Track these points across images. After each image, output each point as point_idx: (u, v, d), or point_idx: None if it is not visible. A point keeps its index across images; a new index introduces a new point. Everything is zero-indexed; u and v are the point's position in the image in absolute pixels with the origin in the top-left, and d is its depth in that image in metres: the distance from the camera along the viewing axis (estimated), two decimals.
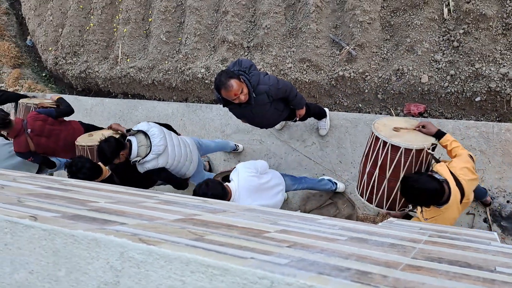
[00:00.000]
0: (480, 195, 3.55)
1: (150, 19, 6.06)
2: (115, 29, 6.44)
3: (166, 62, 5.72)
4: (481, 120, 4.14)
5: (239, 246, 0.78)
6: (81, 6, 6.73)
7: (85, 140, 4.07)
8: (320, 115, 4.29)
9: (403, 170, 2.81)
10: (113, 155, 3.33)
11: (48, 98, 4.64)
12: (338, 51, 4.66)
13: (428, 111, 4.38)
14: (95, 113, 6.05)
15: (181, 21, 5.83)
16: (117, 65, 6.14)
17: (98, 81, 6.44)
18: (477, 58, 4.02)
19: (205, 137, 5.17)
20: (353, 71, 4.46)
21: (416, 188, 2.37)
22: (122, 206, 1.14)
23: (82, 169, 3.46)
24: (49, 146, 4.40)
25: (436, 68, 4.20)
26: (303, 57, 4.70)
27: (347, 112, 4.67)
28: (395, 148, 2.79)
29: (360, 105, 4.69)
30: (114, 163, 3.44)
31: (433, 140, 2.85)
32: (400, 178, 2.77)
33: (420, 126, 2.94)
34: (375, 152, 2.99)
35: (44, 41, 7.05)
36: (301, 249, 0.81)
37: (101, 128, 4.70)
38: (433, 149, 2.85)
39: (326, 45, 4.72)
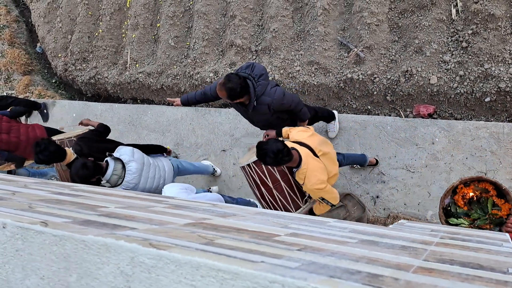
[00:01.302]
0: (361, 162, 4.08)
1: (158, 24, 6.11)
2: (123, 35, 6.49)
3: (175, 67, 5.75)
4: (491, 121, 4.09)
5: (249, 250, 0.78)
6: (90, 13, 6.81)
7: (60, 136, 4.26)
8: (329, 118, 4.28)
9: (275, 172, 3.28)
10: (86, 180, 3.36)
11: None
12: (346, 53, 4.64)
13: (438, 112, 4.34)
14: (105, 118, 6.09)
15: (189, 26, 5.86)
16: (126, 70, 6.19)
17: (107, 87, 6.49)
18: (486, 58, 3.98)
19: (214, 141, 5.18)
20: (361, 73, 4.44)
21: (265, 149, 2.75)
22: (132, 211, 1.14)
23: (45, 150, 3.51)
24: (11, 141, 4.56)
25: (445, 69, 4.17)
26: (311, 60, 4.69)
27: (356, 114, 4.65)
28: (257, 162, 3.29)
29: (369, 107, 4.66)
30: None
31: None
32: (277, 179, 3.29)
33: (265, 137, 3.53)
34: (251, 177, 3.46)
35: (53, 48, 7.13)
36: (311, 252, 0.80)
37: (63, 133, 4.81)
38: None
39: (334, 48, 4.72)
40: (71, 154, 3.74)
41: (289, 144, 3.00)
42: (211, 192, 4.87)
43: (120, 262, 0.72)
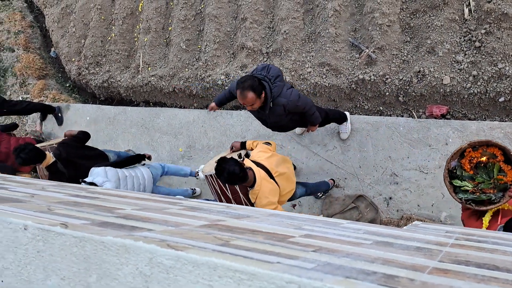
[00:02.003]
0: (326, 189, 4.33)
1: (170, 28, 6.17)
2: (136, 39, 6.57)
3: (187, 69, 5.80)
4: (506, 121, 4.04)
5: (264, 251, 0.79)
6: (102, 17, 6.90)
7: (43, 144, 4.58)
8: (341, 120, 4.27)
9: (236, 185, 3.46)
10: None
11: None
12: (357, 54, 4.63)
13: (451, 113, 4.30)
14: (118, 121, 6.17)
15: (200, 29, 5.90)
16: (139, 74, 6.25)
17: (120, 90, 6.57)
18: (500, 58, 3.93)
19: (226, 144, 5.20)
20: (373, 74, 4.42)
21: (223, 168, 2.92)
22: (148, 213, 1.16)
23: (25, 150, 3.72)
24: (1, 151, 4.79)
25: (458, 69, 4.13)
26: (323, 61, 4.69)
27: (368, 115, 4.63)
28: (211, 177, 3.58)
29: (381, 108, 4.64)
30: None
31: (242, 152, 3.78)
32: (236, 191, 3.50)
33: (230, 149, 3.81)
34: (212, 186, 3.67)
35: (67, 52, 7.24)
36: (326, 254, 0.81)
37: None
38: (239, 156, 3.70)
39: (345, 49, 4.70)
40: (50, 157, 3.96)
41: (248, 162, 3.21)
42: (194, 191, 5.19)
43: (138, 263, 0.74)
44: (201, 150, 5.42)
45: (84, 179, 3.68)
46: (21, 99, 7.11)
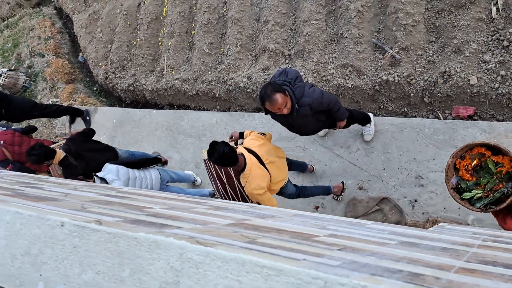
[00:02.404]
0: (300, 168, 4.50)
1: (193, 32, 6.26)
2: (160, 43, 6.69)
3: (209, 73, 5.87)
4: None
5: (290, 249, 0.81)
6: (128, 23, 7.07)
7: (54, 144, 5.00)
8: (364, 121, 4.24)
9: (230, 169, 3.68)
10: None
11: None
12: (381, 55, 4.59)
13: (478, 114, 4.21)
14: (143, 124, 6.30)
15: (223, 32, 5.97)
16: (163, 77, 6.37)
17: (145, 94, 6.70)
18: None
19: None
20: (397, 75, 4.37)
21: (214, 149, 3.10)
22: (176, 212, 1.20)
23: (36, 149, 4.09)
24: (22, 152, 4.98)
25: (486, 69, 4.03)
26: (345, 63, 4.67)
27: (392, 116, 4.58)
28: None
29: (405, 109, 4.58)
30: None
31: (239, 141, 3.92)
32: (231, 176, 3.73)
33: (230, 139, 3.95)
34: (209, 170, 3.87)
35: (94, 57, 7.45)
36: (351, 252, 0.82)
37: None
38: (236, 143, 3.92)
39: (368, 50, 4.67)
40: (60, 153, 4.31)
41: (241, 149, 3.40)
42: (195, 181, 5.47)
43: (169, 258, 0.77)
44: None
45: (97, 174, 3.92)
46: (51, 102, 7.34)
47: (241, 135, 3.90)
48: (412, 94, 4.41)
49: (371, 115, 4.34)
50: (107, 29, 7.39)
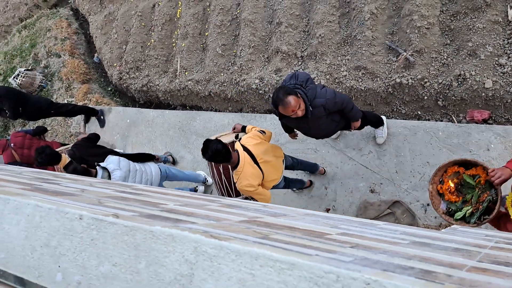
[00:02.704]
0: (311, 169, 4.55)
1: (206, 33, 6.31)
2: (174, 44, 6.76)
3: (222, 74, 5.90)
4: None
5: (303, 245, 0.82)
6: (143, 24, 7.15)
7: (60, 148, 5.31)
8: (377, 123, 4.21)
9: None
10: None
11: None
12: (394, 57, 4.57)
13: (493, 118, 4.16)
14: (156, 124, 6.36)
15: (236, 34, 6.00)
16: (176, 78, 6.43)
17: (158, 94, 6.77)
18: None
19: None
20: (411, 78, 4.35)
21: (208, 146, 3.23)
22: (190, 208, 1.22)
23: (43, 153, 4.31)
24: (31, 155, 5.19)
25: (501, 73, 3.99)
26: (358, 65, 4.66)
27: (405, 119, 4.55)
28: None
29: (419, 112, 4.55)
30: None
31: (241, 134, 3.96)
32: (227, 167, 4.06)
33: (232, 130, 4.08)
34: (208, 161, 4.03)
35: (109, 58, 7.55)
36: (363, 250, 0.83)
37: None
38: (236, 137, 4.08)
39: (382, 52, 4.65)
40: (65, 158, 4.51)
41: (238, 145, 3.52)
42: (207, 183, 5.55)
43: (184, 251, 0.79)
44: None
45: (99, 163, 4.14)
46: (67, 102, 7.46)
47: (244, 129, 3.96)
48: (426, 97, 4.38)
49: (384, 117, 4.32)
50: (122, 30, 7.49)
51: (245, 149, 3.45)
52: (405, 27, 4.50)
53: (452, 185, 2.53)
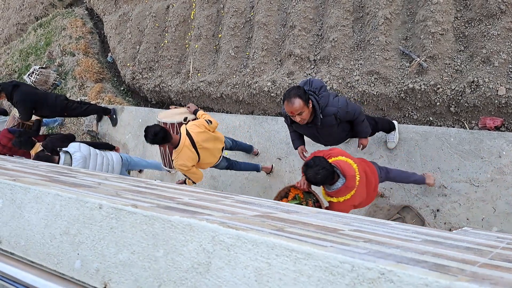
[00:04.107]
0: (246, 150, 5.17)
1: (220, 35, 6.35)
2: (187, 45, 6.82)
3: (234, 76, 5.94)
4: None
5: (317, 238, 0.83)
6: (157, 24, 7.23)
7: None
8: (389, 129, 4.20)
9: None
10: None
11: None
12: (408, 63, 4.56)
13: (506, 125, 4.12)
14: None
15: (249, 36, 6.04)
16: (189, 79, 6.48)
17: (170, 95, 6.83)
18: None
19: (270, 149, 5.27)
20: (423, 84, 4.33)
21: (148, 130, 3.69)
22: (204, 203, 1.24)
23: (20, 137, 5.07)
24: (9, 154, 5.83)
25: None
26: (371, 70, 4.66)
27: (417, 125, 4.54)
28: (164, 124, 4.49)
29: (431, 118, 4.53)
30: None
31: (191, 116, 4.54)
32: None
33: (187, 107, 4.60)
34: None
35: (123, 58, 7.64)
36: (377, 244, 0.84)
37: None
38: (185, 120, 4.47)
39: (395, 57, 4.65)
40: (38, 146, 5.18)
41: (183, 129, 3.98)
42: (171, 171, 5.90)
43: (202, 240, 0.81)
44: (245, 155, 5.52)
45: (62, 148, 4.65)
46: (80, 100, 7.55)
47: (195, 112, 4.47)
48: (438, 103, 4.36)
49: (395, 122, 4.31)
50: (136, 31, 7.58)
51: (188, 134, 3.92)
52: (419, 33, 4.49)
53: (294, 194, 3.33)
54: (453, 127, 4.39)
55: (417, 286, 0.60)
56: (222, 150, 4.37)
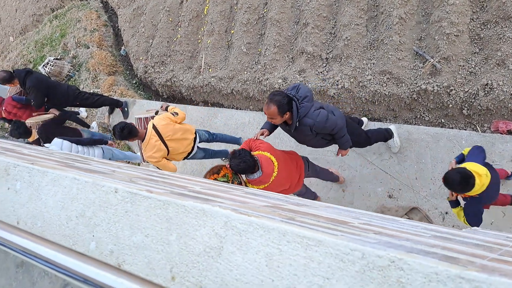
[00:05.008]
0: (230, 142, 5.32)
1: (232, 31, 6.37)
2: (199, 41, 6.84)
3: (245, 72, 5.95)
4: None
5: (328, 228, 0.85)
6: (170, 19, 7.26)
7: (31, 120, 5.81)
8: (386, 139, 4.28)
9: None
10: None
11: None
12: (421, 63, 4.53)
13: None
14: None
15: (261, 32, 6.04)
16: (200, 74, 6.50)
17: (182, 89, 6.86)
18: None
19: (279, 146, 5.27)
20: (436, 85, 4.31)
21: (115, 127, 4.04)
22: (215, 192, 1.26)
23: (17, 129, 5.29)
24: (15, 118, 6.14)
25: None
26: (384, 69, 4.64)
27: (428, 126, 4.51)
28: (139, 119, 5.39)
29: (442, 120, 4.50)
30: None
31: (160, 110, 4.91)
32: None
33: (161, 107, 4.87)
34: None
35: (136, 51, 7.69)
36: (386, 236, 0.85)
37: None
38: (156, 113, 4.95)
39: (408, 58, 4.62)
40: (35, 134, 5.49)
41: (150, 123, 4.25)
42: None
43: (215, 225, 0.83)
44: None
45: (45, 145, 4.88)
46: (93, 92, 7.62)
47: (167, 108, 4.68)
48: (450, 105, 4.34)
49: (392, 127, 4.31)
50: (149, 25, 7.62)
51: (154, 127, 4.17)
52: (434, 34, 4.46)
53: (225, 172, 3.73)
54: (465, 129, 4.36)
55: (427, 274, 0.61)
56: (195, 141, 4.57)
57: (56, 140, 4.84)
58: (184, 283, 0.83)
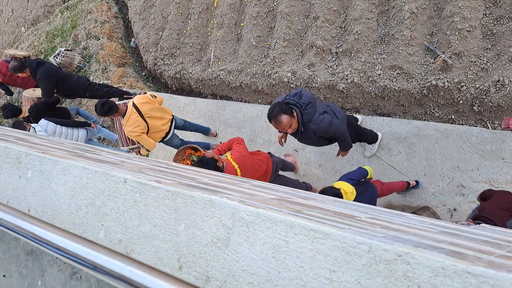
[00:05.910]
0: (203, 131, 5.83)
1: (242, 24, 6.35)
2: (209, 33, 6.83)
3: (254, 65, 5.94)
4: None
5: (335, 221, 0.85)
6: (180, 11, 7.26)
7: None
8: (371, 141, 4.36)
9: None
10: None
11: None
12: (432, 59, 4.48)
13: None
14: (187, 111, 6.47)
15: (271, 26, 6.02)
16: (209, 67, 6.50)
17: (190, 82, 6.87)
18: None
19: (287, 140, 5.26)
20: (447, 81, 4.26)
21: (96, 106, 4.54)
22: (224, 184, 1.27)
23: (6, 109, 5.76)
24: (9, 82, 6.91)
25: None
26: (394, 64, 4.60)
27: (438, 122, 4.48)
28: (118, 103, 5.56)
29: (452, 116, 4.46)
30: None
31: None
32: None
33: (143, 93, 5.17)
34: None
35: (146, 43, 7.70)
36: (393, 231, 0.85)
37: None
38: (134, 94, 5.63)
39: (419, 53, 4.58)
40: (25, 111, 5.89)
41: (130, 103, 4.63)
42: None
43: (222, 216, 0.83)
44: (262, 145, 5.54)
45: (32, 124, 5.27)
46: (102, 83, 7.66)
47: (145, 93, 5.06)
48: (461, 102, 4.29)
49: (379, 134, 4.41)
50: (159, 17, 7.62)
51: (134, 105, 4.58)
52: (445, 29, 4.41)
53: (188, 163, 4.20)
54: (475, 126, 4.32)
55: (434, 269, 0.61)
56: (172, 122, 4.98)
57: (42, 122, 5.20)
58: (191, 272, 0.84)
